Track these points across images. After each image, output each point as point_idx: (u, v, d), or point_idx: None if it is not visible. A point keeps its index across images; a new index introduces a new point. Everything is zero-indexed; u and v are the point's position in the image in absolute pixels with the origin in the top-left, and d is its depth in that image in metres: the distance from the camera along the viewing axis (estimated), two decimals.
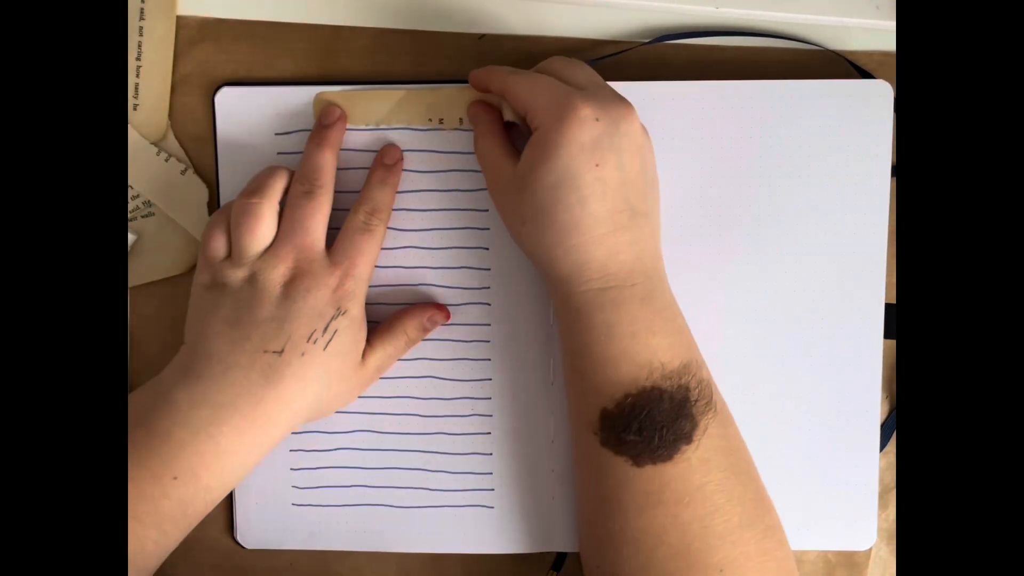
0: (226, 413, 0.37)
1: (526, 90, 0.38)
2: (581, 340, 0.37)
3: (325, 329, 0.39)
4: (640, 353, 0.36)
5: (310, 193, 0.40)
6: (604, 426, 0.37)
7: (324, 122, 0.42)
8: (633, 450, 0.36)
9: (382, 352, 0.42)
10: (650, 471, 0.36)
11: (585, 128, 0.36)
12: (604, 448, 0.37)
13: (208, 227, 0.40)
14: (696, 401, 0.36)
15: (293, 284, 0.38)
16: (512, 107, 0.39)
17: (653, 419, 0.36)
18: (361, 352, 0.41)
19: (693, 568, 0.35)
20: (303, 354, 0.38)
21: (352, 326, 0.40)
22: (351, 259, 0.40)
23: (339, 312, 0.39)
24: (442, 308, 0.43)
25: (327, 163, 0.40)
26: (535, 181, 0.37)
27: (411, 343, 0.42)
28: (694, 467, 0.36)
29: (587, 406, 0.37)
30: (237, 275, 0.39)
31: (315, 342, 0.38)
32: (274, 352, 0.38)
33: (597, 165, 0.36)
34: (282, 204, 0.40)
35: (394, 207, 0.42)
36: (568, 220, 0.36)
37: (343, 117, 0.42)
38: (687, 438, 0.36)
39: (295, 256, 0.39)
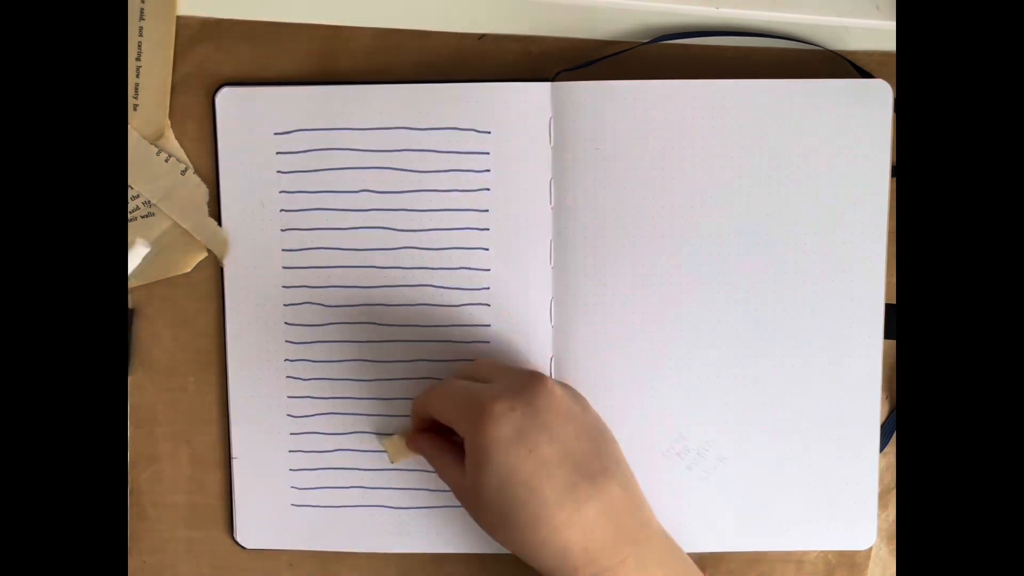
0: None
1: (439, 404, 0.38)
2: None
3: None
4: None
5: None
6: None
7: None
8: None
9: None
10: None
11: (503, 423, 0.36)
12: None
13: None
14: None
15: None
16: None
17: None
18: None
19: None
20: None
21: None
22: None
23: None
24: None
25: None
26: (481, 491, 0.36)
27: None
28: None
29: None
30: None
31: None
32: None
33: (530, 451, 0.35)
34: None
35: (394, 207, 0.42)
36: (526, 516, 0.35)
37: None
38: None
39: None
